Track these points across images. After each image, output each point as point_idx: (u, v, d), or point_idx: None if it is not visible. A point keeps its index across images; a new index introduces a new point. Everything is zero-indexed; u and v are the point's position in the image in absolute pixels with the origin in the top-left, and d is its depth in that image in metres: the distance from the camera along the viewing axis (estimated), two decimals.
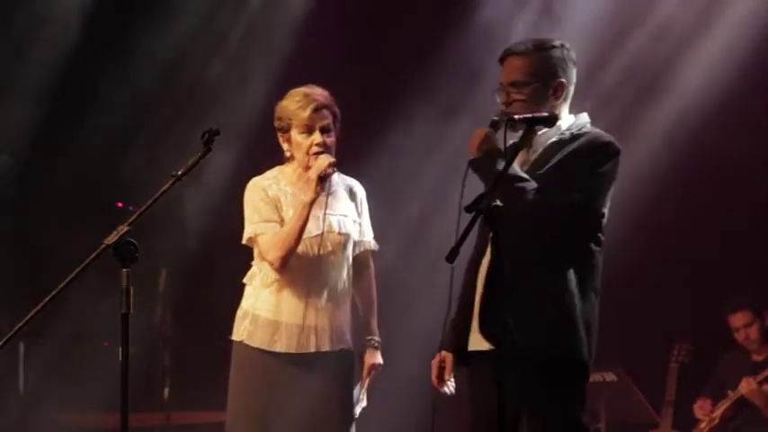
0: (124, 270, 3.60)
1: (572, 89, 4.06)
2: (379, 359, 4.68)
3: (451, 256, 3.63)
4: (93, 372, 6.85)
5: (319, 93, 4.58)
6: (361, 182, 4.79)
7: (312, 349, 4.51)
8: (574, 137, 3.96)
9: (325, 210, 4.52)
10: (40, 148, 7.34)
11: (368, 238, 4.73)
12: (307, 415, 4.50)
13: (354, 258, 4.68)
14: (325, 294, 4.54)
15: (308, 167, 4.53)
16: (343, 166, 4.62)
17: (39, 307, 3.63)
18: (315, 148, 4.52)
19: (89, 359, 7.03)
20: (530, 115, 3.88)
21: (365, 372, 4.65)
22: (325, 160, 4.48)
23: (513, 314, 3.55)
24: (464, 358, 4.04)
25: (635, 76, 7.15)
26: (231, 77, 7.39)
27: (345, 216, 4.63)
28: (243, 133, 6.82)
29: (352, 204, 4.68)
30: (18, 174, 7.34)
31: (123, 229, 3.61)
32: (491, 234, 3.63)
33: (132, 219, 3.66)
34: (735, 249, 7.12)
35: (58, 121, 7.37)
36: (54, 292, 3.62)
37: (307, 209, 4.44)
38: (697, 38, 7.04)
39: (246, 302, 4.60)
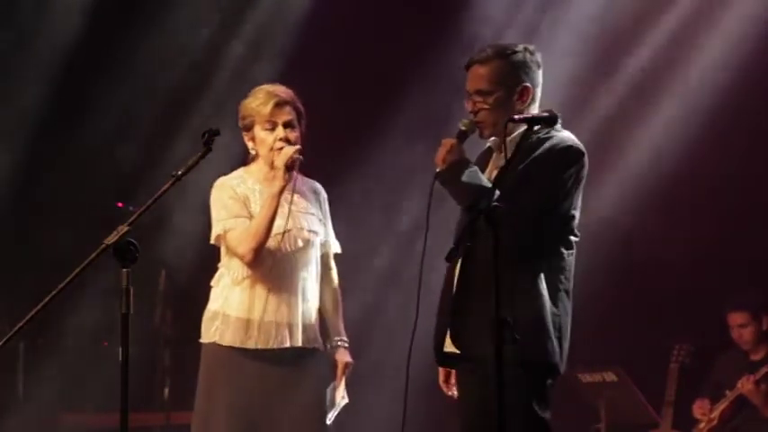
0: (124, 270, 3.60)
1: (539, 91, 4.07)
2: (350, 358, 4.69)
3: (450, 257, 3.64)
4: (93, 372, 6.86)
5: (282, 89, 4.60)
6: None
7: (286, 344, 4.50)
8: (540, 141, 3.96)
9: (291, 206, 4.51)
10: (40, 147, 7.34)
11: (331, 239, 4.73)
12: (284, 409, 4.49)
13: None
14: (296, 291, 4.53)
15: (273, 163, 4.53)
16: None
17: (39, 307, 3.63)
18: (278, 143, 4.52)
19: (89, 359, 7.04)
20: (530, 115, 3.90)
21: (340, 371, 4.65)
22: (291, 149, 4.49)
23: (484, 317, 3.57)
24: (441, 359, 4.07)
25: (637, 78, 7.17)
26: (231, 78, 7.40)
27: (312, 215, 4.63)
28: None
29: (317, 204, 4.69)
30: (18, 173, 7.33)
31: (123, 229, 3.61)
32: (469, 238, 3.67)
33: (132, 219, 3.66)
34: (735, 249, 7.12)
35: (57, 120, 7.37)
36: (54, 292, 3.62)
37: (276, 199, 4.45)
38: (698, 39, 7.07)
39: (215, 304, 4.58)
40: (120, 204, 6.60)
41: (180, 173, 3.80)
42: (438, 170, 3.92)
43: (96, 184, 7.31)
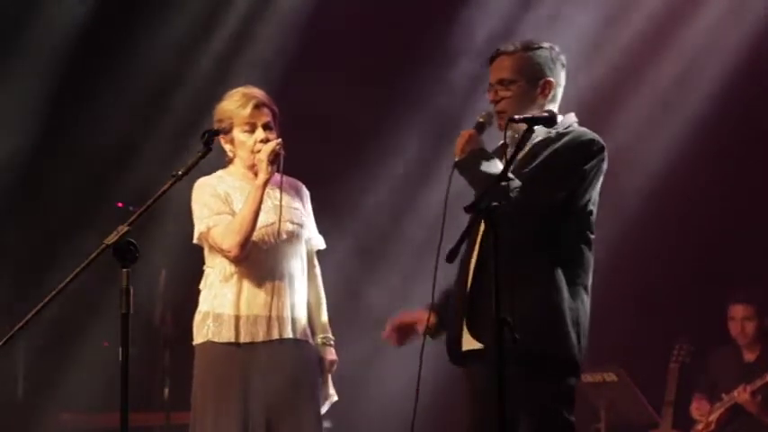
0: (124, 270, 3.60)
1: (560, 90, 4.09)
2: (335, 356, 4.71)
3: (451, 256, 3.64)
4: (93, 372, 6.85)
5: (257, 91, 4.60)
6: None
7: (275, 336, 4.50)
8: (559, 135, 3.97)
9: (274, 200, 4.52)
10: (41, 147, 7.34)
11: (315, 236, 4.73)
12: (281, 401, 4.49)
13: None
14: (284, 283, 4.53)
15: (253, 165, 4.53)
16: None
17: (39, 307, 3.63)
18: (259, 145, 4.52)
19: (89, 359, 7.03)
20: (530, 115, 3.91)
21: (327, 368, 4.68)
22: (273, 142, 4.48)
23: (504, 312, 3.56)
24: (459, 359, 4.05)
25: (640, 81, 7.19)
26: (230, 79, 7.39)
27: (296, 209, 4.63)
28: None
29: (300, 200, 4.69)
30: (19, 173, 7.33)
31: (123, 229, 3.61)
32: (481, 233, 3.65)
33: (132, 219, 3.66)
34: (736, 249, 7.12)
35: (58, 120, 7.37)
36: (54, 292, 3.62)
37: (260, 190, 4.44)
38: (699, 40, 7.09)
39: (205, 305, 4.56)
40: (120, 204, 6.59)
41: (180, 173, 3.81)
42: (456, 159, 3.94)
43: (96, 184, 7.31)
